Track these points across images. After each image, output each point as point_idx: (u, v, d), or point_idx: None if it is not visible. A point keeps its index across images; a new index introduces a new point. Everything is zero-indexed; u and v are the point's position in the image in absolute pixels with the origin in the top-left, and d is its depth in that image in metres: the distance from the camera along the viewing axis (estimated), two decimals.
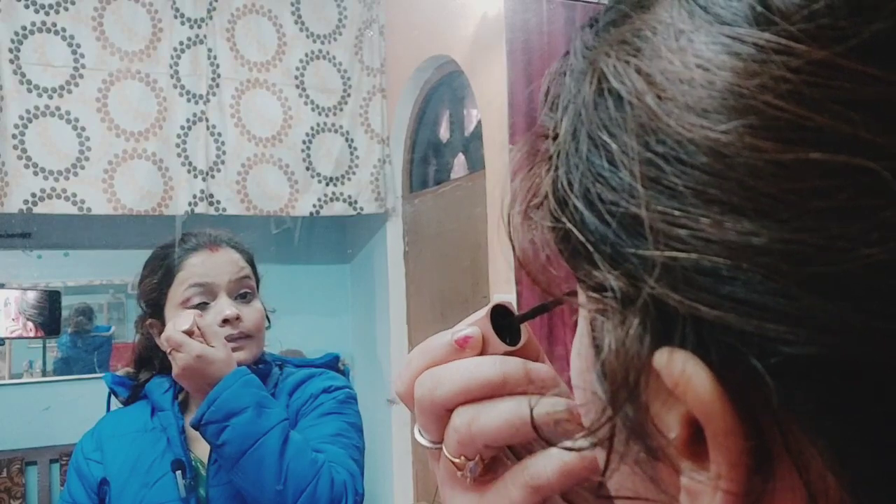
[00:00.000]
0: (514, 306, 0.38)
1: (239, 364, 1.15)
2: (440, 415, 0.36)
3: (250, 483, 1.05)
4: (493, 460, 0.36)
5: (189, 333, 1.09)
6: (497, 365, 0.35)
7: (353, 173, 3.55)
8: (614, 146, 0.24)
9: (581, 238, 0.25)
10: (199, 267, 1.19)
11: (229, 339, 1.16)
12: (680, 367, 0.22)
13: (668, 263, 0.22)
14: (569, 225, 0.26)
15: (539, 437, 0.33)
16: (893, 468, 0.20)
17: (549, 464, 0.33)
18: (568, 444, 0.31)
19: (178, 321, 1.11)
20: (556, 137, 0.28)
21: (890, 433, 0.20)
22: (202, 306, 1.18)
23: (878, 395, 0.20)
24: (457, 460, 0.36)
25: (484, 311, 0.37)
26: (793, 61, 0.20)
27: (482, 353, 0.36)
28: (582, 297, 0.27)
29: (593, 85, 0.26)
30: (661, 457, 0.24)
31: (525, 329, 0.38)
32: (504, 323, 0.37)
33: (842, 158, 0.19)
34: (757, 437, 0.22)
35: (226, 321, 1.17)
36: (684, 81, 0.22)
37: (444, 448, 0.36)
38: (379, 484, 3.67)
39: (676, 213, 0.22)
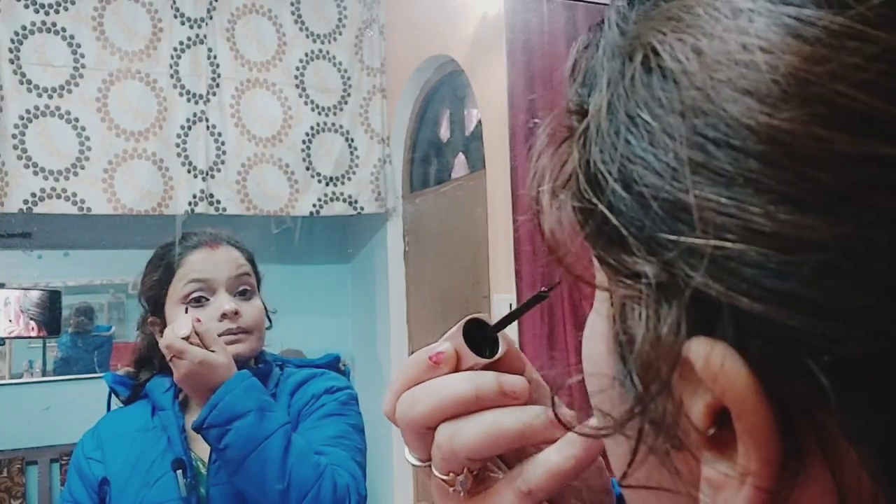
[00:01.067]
0: (489, 318, 0.38)
1: (237, 357, 1.16)
2: (422, 433, 0.36)
3: (253, 486, 1.05)
4: (484, 472, 0.36)
5: (187, 338, 1.09)
6: (470, 380, 0.35)
7: (354, 173, 3.55)
8: (656, 125, 0.23)
9: (615, 222, 0.24)
10: (198, 263, 1.20)
11: (227, 333, 1.17)
12: (719, 360, 0.21)
13: (711, 253, 0.21)
14: (601, 207, 0.25)
15: (520, 444, 0.33)
16: None
17: (537, 468, 0.33)
18: (588, 431, 0.30)
19: (176, 327, 1.11)
20: (584, 114, 0.27)
21: None
22: (202, 301, 1.18)
23: None
24: (446, 477, 0.36)
25: (457, 327, 0.37)
26: (868, 48, 0.19)
27: (458, 368, 0.36)
28: (608, 281, 0.26)
29: (636, 61, 0.24)
30: (683, 446, 0.24)
31: (503, 339, 0.38)
32: (480, 336, 0.37)
33: None
34: (791, 435, 0.21)
35: (224, 316, 1.17)
36: (741, 63, 0.21)
37: (432, 466, 0.36)
38: (379, 484, 3.67)
39: (724, 200, 0.21)
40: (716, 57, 0.22)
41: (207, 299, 1.19)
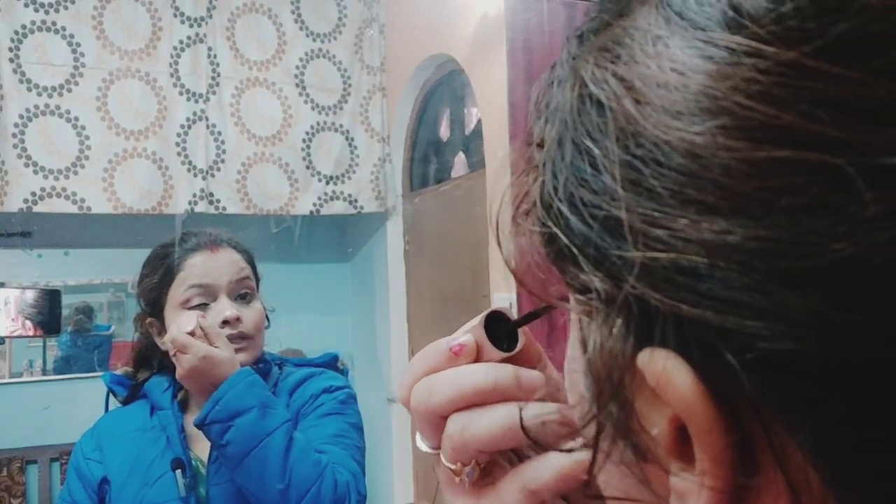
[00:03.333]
0: (511, 312, 0.38)
1: (241, 366, 1.15)
2: (436, 422, 0.36)
3: (253, 483, 1.05)
4: (491, 464, 0.37)
5: (191, 334, 1.10)
6: (488, 372, 0.35)
7: (354, 172, 3.55)
8: (597, 151, 0.24)
9: (566, 241, 0.25)
10: (199, 268, 1.19)
11: (229, 339, 1.16)
12: (661, 366, 0.22)
13: (648, 263, 0.22)
14: (554, 229, 0.26)
15: (531, 441, 0.33)
16: (871, 461, 0.20)
17: (545, 468, 0.34)
18: (564, 445, 0.31)
19: (181, 322, 1.12)
20: (542, 145, 0.28)
21: (866, 426, 0.20)
22: (202, 307, 1.18)
23: (853, 389, 0.20)
24: (453, 466, 0.36)
25: (479, 319, 0.37)
26: (762, 63, 0.21)
27: (478, 360, 0.37)
28: (571, 300, 0.27)
29: (575, 91, 0.26)
30: (650, 457, 0.24)
31: (523, 334, 0.38)
32: (501, 329, 0.37)
33: (809, 156, 0.20)
34: (739, 434, 0.22)
35: (226, 322, 1.17)
36: (661, 85, 0.23)
37: (441, 455, 0.36)
38: (379, 484, 3.67)
39: (656, 214, 0.22)
40: (639, 82, 0.24)
41: (208, 305, 1.19)
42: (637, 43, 0.24)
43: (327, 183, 3.48)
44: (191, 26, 3.24)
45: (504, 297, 2.64)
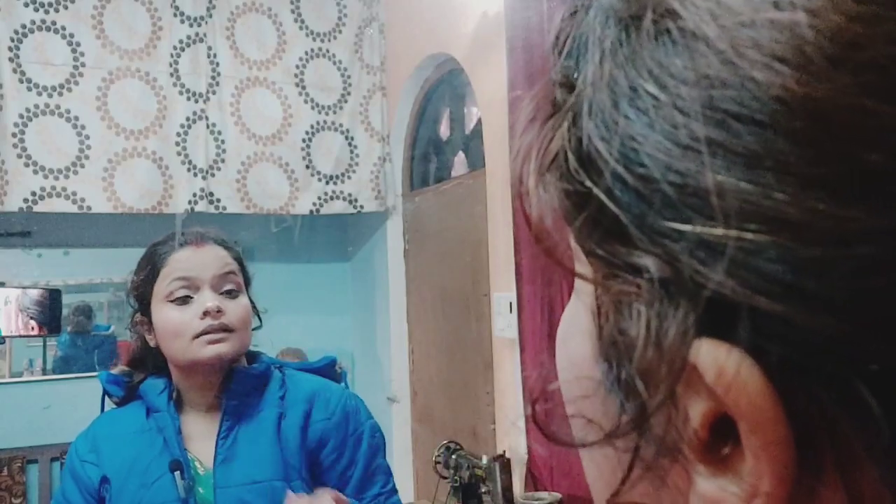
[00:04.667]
0: None
1: (219, 358, 1.15)
2: None
3: None
4: None
5: None
6: None
7: (354, 171, 3.55)
8: (665, 98, 0.20)
9: (613, 208, 0.21)
10: (183, 262, 1.20)
11: (209, 330, 1.16)
12: (733, 367, 0.19)
13: (727, 245, 0.18)
14: (596, 190, 0.21)
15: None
16: None
17: None
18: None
19: None
20: (571, 88, 0.24)
21: None
22: (186, 300, 1.18)
23: None
24: None
25: None
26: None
27: None
28: (595, 273, 0.23)
29: (645, 23, 0.21)
30: (678, 459, 0.21)
31: None
32: None
33: None
34: (809, 451, 0.19)
35: (206, 313, 1.16)
36: (774, 24, 0.18)
37: None
38: None
39: (744, 185, 0.18)
40: (740, 17, 0.19)
41: (192, 297, 1.18)
42: None
43: (327, 182, 3.48)
44: (191, 26, 3.24)
45: (504, 295, 2.64)
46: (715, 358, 0.19)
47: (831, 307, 0.17)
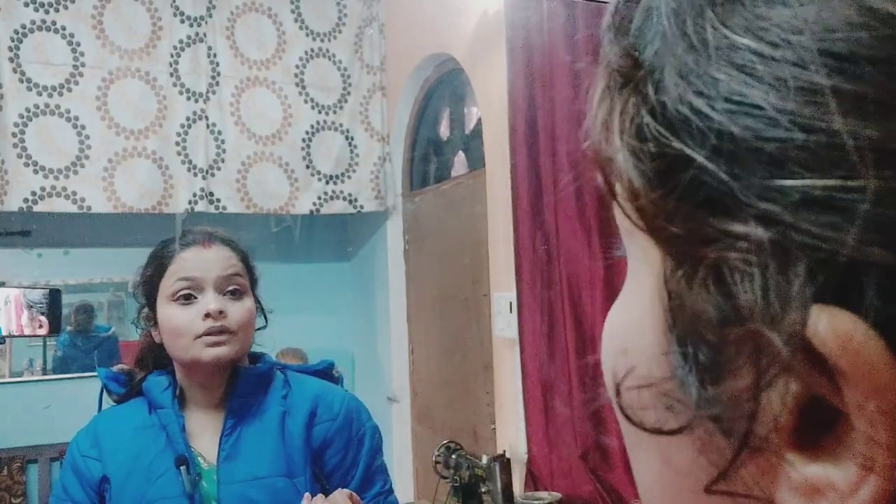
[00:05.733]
0: None
1: (219, 360, 1.16)
2: None
3: None
4: None
5: None
6: None
7: (354, 171, 3.55)
8: (769, 50, 0.18)
9: (713, 168, 0.19)
10: (188, 261, 1.20)
11: (210, 332, 1.16)
12: (848, 334, 0.17)
13: (848, 199, 0.17)
14: (689, 150, 0.20)
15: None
16: None
17: None
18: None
19: None
20: (636, 64, 0.23)
21: None
22: (190, 299, 1.18)
23: None
24: None
25: None
26: None
27: None
28: (680, 242, 0.21)
29: None
30: (764, 446, 0.19)
31: None
32: None
33: None
34: None
35: (208, 315, 1.16)
36: None
37: None
38: None
39: (875, 134, 0.17)
40: None
41: (196, 297, 1.19)
42: None
43: (327, 182, 3.48)
44: (191, 26, 3.24)
45: (504, 295, 2.64)
46: (831, 325, 0.18)
47: None
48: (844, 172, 0.17)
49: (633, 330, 0.24)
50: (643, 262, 0.23)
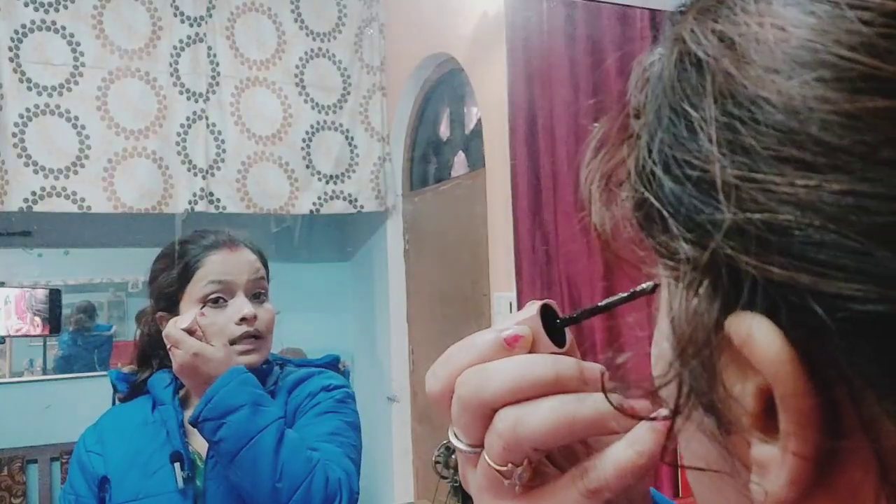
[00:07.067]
0: (557, 307, 0.36)
1: (251, 367, 1.17)
2: (485, 414, 0.33)
3: (246, 479, 1.07)
4: (540, 465, 0.34)
5: (191, 332, 1.11)
6: (550, 364, 0.32)
7: (354, 171, 3.55)
8: (694, 113, 0.24)
9: (657, 204, 0.25)
10: (219, 265, 1.21)
11: (245, 336, 1.18)
12: (748, 328, 0.22)
13: (740, 224, 0.22)
14: (646, 193, 0.26)
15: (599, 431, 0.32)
16: None
17: (607, 465, 0.31)
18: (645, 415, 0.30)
19: (179, 319, 1.14)
20: (639, 116, 0.28)
21: None
22: (219, 303, 1.20)
23: None
24: (503, 468, 0.33)
25: (534, 310, 0.35)
26: (866, 14, 0.21)
27: (532, 353, 0.34)
28: (659, 267, 0.27)
29: (675, 54, 0.26)
30: (734, 429, 0.24)
31: (568, 331, 0.36)
32: (549, 323, 0.35)
33: None
34: (826, 399, 0.21)
35: (243, 319, 1.19)
36: (760, 41, 0.23)
37: (485, 455, 0.33)
38: (379, 483, 3.67)
39: (751, 173, 0.22)
40: (739, 39, 0.23)
41: (226, 301, 1.20)
42: (738, 2, 0.24)
43: (327, 182, 3.48)
44: (191, 26, 3.24)
45: (504, 295, 2.64)
46: (738, 324, 0.22)
47: (827, 267, 0.20)
48: (737, 209, 0.22)
49: (657, 346, 0.30)
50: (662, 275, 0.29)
